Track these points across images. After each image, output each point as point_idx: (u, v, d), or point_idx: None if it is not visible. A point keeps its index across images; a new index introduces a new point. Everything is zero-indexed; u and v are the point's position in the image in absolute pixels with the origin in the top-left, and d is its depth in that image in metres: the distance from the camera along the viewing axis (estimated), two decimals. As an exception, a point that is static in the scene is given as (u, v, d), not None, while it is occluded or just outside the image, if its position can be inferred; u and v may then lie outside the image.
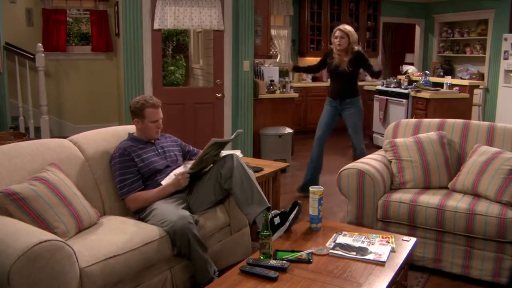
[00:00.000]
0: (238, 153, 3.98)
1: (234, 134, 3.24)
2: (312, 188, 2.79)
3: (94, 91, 6.92)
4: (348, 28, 4.67)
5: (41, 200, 2.45)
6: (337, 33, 4.64)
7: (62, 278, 2.10)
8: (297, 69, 5.34)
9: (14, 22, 6.33)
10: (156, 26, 5.27)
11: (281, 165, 4.10)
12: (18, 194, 2.39)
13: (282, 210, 2.80)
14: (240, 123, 5.73)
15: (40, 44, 5.43)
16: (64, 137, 3.18)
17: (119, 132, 3.30)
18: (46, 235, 2.12)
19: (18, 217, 2.38)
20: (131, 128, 3.30)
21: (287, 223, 2.71)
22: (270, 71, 6.19)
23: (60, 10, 6.57)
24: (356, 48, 4.68)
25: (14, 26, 6.30)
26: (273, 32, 8.41)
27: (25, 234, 2.12)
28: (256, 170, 3.73)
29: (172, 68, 9.52)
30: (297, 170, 5.97)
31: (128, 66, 5.34)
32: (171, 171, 3.12)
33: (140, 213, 2.94)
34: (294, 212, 2.73)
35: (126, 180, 2.96)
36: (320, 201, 2.77)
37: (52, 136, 5.54)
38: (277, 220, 2.73)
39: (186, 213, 2.73)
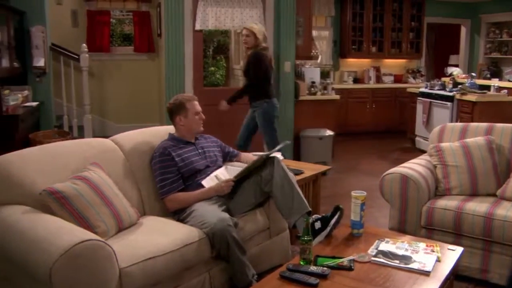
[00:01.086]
0: (278, 155, 3.94)
1: (281, 145, 3.21)
2: (354, 193, 2.71)
3: (136, 91, 7.02)
4: (255, 26, 4.53)
5: (83, 199, 2.47)
6: (243, 31, 4.57)
7: (101, 277, 2.11)
8: (233, 99, 4.91)
9: (60, 23, 6.50)
10: (197, 27, 5.30)
11: (322, 168, 4.03)
12: (61, 192, 2.42)
13: (323, 214, 2.74)
14: (280, 125, 5.68)
15: (84, 44, 5.55)
16: (107, 137, 3.21)
17: (160, 132, 3.31)
18: (87, 235, 2.13)
19: (61, 215, 2.40)
20: (172, 129, 3.30)
21: (328, 228, 2.65)
22: (311, 72, 6.12)
23: (104, 11, 6.70)
24: (262, 46, 4.52)
25: (60, 27, 6.47)
26: (314, 33, 8.32)
27: (67, 232, 2.14)
28: (297, 173, 3.68)
29: (213, 68, 9.58)
30: (338, 173, 5.89)
31: (169, 67, 5.40)
32: (211, 172, 3.11)
33: (179, 214, 2.94)
34: (336, 217, 2.67)
35: (166, 179, 2.96)
36: (363, 206, 2.70)
37: (95, 135, 5.65)
38: (318, 224, 2.68)
39: (226, 215, 2.71)
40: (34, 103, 5.12)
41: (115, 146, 3.09)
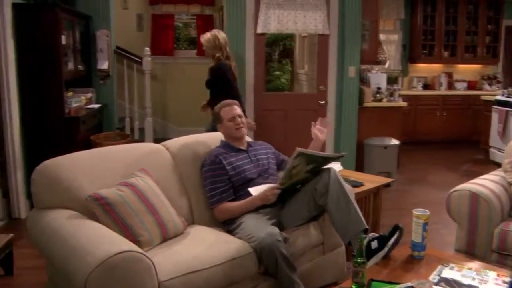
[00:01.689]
0: (338, 165, 3.72)
1: (335, 154, 3.00)
2: (416, 212, 2.46)
3: (198, 95, 6.97)
4: (205, 36, 4.38)
5: (127, 206, 2.40)
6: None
7: (139, 291, 2.02)
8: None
9: (125, 27, 6.63)
10: (259, 30, 5.19)
11: (384, 180, 3.77)
12: (105, 199, 2.37)
13: (381, 233, 2.51)
14: (343, 132, 5.45)
15: (147, 48, 5.59)
16: (167, 139, 3.20)
17: (212, 138, 3.22)
18: (126, 245, 2.05)
19: (105, 222, 2.35)
20: (220, 135, 3.20)
21: (386, 249, 2.42)
22: (377, 77, 5.83)
23: (168, 15, 6.77)
24: (216, 55, 4.35)
25: (126, 31, 6.59)
26: (382, 36, 7.98)
27: (107, 242, 2.07)
28: (356, 185, 3.46)
29: (278, 73, 9.45)
30: (403, 184, 5.56)
31: (229, 71, 5.31)
32: (263, 180, 2.96)
33: (229, 225, 2.81)
34: (394, 237, 2.43)
35: (216, 189, 2.85)
36: (425, 226, 2.44)
37: (156, 138, 5.69)
38: (374, 244, 2.45)
39: (275, 230, 2.53)
40: (97, 105, 5.22)
41: (165, 152, 3.02)
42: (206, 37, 4.32)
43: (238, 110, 3.07)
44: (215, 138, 3.22)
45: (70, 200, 2.46)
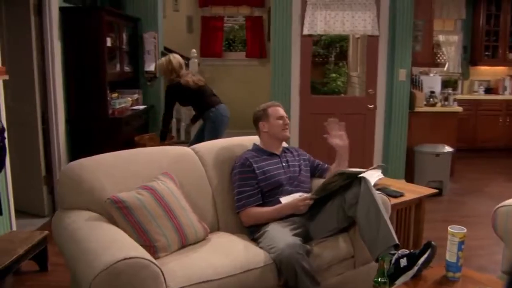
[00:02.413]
0: (378, 173, 3.53)
1: (373, 168, 2.85)
2: (451, 229, 2.25)
3: (246, 97, 6.97)
4: (160, 61, 4.71)
5: (145, 210, 2.36)
6: None
7: (146, 298, 1.95)
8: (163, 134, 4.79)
9: (176, 29, 6.70)
10: (305, 32, 5.05)
11: (427, 190, 3.52)
12: (123, 202, 2.33)
13: (412, 250, 2.31)
14: (392, 138, 5.20)
15: (194, 50, 5.61)
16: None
17: (243, 143, 3.12)
18: (134, 251, 1.99)
19: (122, 226, 2.32)
20: (257, 139, 3.10)
21: (415, 268, 2.22)
22: (431, 81, 5.51)
23: (218, 17, 6.77)
24: (171, 78, 4.60)
25: (176, 33, 6.66)
26: (441, 37, 7.59)
27: (116, 247, 2.03)
28: (394, 195, 3.25)
29: (334, 75, 9.25)
30: (456, 194, 5.22)
31: (275, 73, 5.24)
32: (292, 188, 2.83)
33: (254, 233, 2.70)
34: (425, 255, 2.23)
35: (243, 192, 2.76)
36: (461, 245, 2.22)
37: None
38: (403, 262, 2.27)
39: (296, 241, 2.40)
40: (142, 107, 5.28)
41: (194, 156, 2.96)
42: (160, 62, 4.64)
43: (283, 111, 3.03)
44: (247, 142, 3.13)
45: (92, 202, 2.44)
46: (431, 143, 5.21)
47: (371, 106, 5.20)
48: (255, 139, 3.15)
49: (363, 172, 2.69)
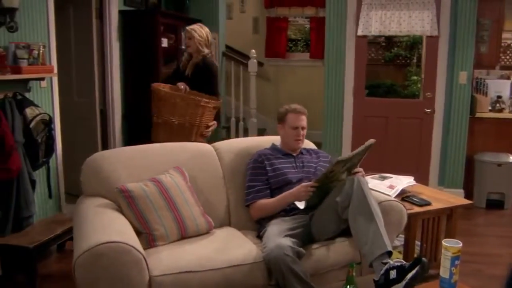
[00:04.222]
0: (409, 180, 3.41)
1: (364, 146, 2.64)
2: (446, 242, 2.14)
3: (309, 98, 6.90)
4: (196, 28, 3.79)
5: (147, 200, 2.52)
6: (186, 34, 3.88)
7: (126, 281, 2.09)
8: None
9: (242, 30, 6.86)
10: (359, 33, 4.96)
11: (461, 201, 3.32)
12: (129, 192, 2.51)
13: (403, 263, 2.23)
14: (450, 144, 4.94)
15: (253, 50, 5.70)
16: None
17: (263, 142, 3.19)
18: (119, 237, 2.14)
19: (126, 214, 2.50)
20: (277, 139, 3.14)
21: (403, 282, 2.14)
22: (499, 85, 5.14)
23: (282, 18, 6.82)
24: (206, 52, 3.82)
25: (242, 34, 6.83)
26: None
27: (104, 232, 2.19)
28: (420, 204, 3.11)
29: (416, 77, 8.91)
30: (520, 209, 4.84)
31: (329, 74, 5.21)
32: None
33: (260, 230, 2.76)
34: (414, 271, 2.13)
35: (253, 187, 2.84)
36: (454, 261, 2.10)
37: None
38: (393, 274, 2.18)
39: (286, 242, 2.38)
40: (199, 105, 5.48)
41: (213, 153, 3.08)
42: (199, 33, 3.81)
43: (304, 121, 2.99)
44: (267, 141, 3.19)
45: (107, 191, 2.64)
46: (494, 152, 4.87)
47: (428, 110, 4.98)
48: (274, 139, 3.20)
49: (356, 152, 2.61)
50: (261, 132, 6.23)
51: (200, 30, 3.81)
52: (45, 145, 3.41)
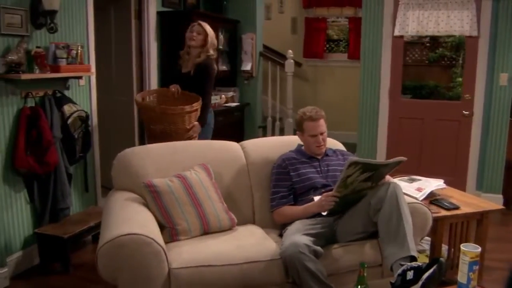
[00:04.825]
0: (439, 182, 3.35)
1: (391, 161, 2.61)
2: (464, 247, 2.10)
3: (346, 99, 6.92)
4: (208, 27, 3.73)
5: (172, 196, 2.60)
6: (195, 28, 3.74)
7: (146, 272, 2.19)
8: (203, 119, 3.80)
9: (280, 30, 6.90)
10: (396, 33, 4.89)
11: (492, 206, 3.23)
12: (155, 187, 2.60)
13: (420, 264, 2.21)
14: (489, 148, 4.79)
15: (290, 51, 5.75)
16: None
17: (289, 142, 3.21)
18: (140, 229, 2.23)
19: (151, 208, 2.60)
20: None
21: (420, 283, 2.12)
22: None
23: (321, 19, 6.81)
24: (211, 54, 3.82)
25: (281, 34, 6.87)
26: None
27: (128, 224, 2.29)
28: (447, 207, 3.05)
29: (461, 79, 8.68)
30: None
31: (364, 74, 5.17)
32: (327, 191, 2.83)
33: (282, 229, 2.79)
34: (431, 270, 2.12)
35: (277, 193, 2.86)
36: (472, 266, 2.06)
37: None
38: (410, 274, 2.17)
39: (302, 240, 2.40)
40: (234, 104, 5.57)
41: (239, 151, 3.13)
42: (211, 32, 3.82)
43: (323, 126, 2.92)
44: (293, 141, 3.21)
45: (136, 185, 2.74)
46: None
47: (466, 113, 4.85)
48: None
49: (378, 163, 2.59)
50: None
51: (211, 31, 3.83)
52: (81, 141, 3.57)
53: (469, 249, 2.09)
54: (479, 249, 2.10)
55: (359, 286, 1.92)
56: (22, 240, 3.30)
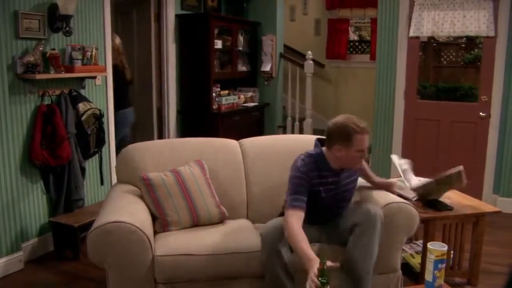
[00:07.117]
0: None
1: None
2: (431, 245, 2.15)
3: (368, 100, 6.89)
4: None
5: (165, 189, 2.77)
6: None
7: (131, 257, 2.37)
8: None
9: (304, 32, 6.97)
10: (411, 33, 4.89)
11: (488, 208, 3.21)
12: (150, 180, 2.78)
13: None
14: (506, 150, 4.70)
15: (309, 52, 5.83)
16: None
17: (291, 141, 3.33)
18: (127, 218, 2.40)
19: (146, 200, 2.77)
20: (301, 138, 3.24)
21: None
22: None
23: (343, 19, 6.83)
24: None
25: (304, 35, 6.95)
26: None
27: (117, 213, 2.47)
28: (439, 208, 3.07)
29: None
30: None
31: (380, 75, 5.18)
32: (334, 206, 2.71)
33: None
34: None
35: (297, 193, 2.50)
36: (438, 264, 2.11)
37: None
38: None
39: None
40: (252, 104, 5.71)
41: (237, 149, 3.25)
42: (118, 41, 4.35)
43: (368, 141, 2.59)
44: (292, 140, 3.31)
45: (136, 179, 2.91)
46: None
47: (483, 115, 4.79)
48: (299, 139, 3.29)
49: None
50: (319, 133, 6.29)
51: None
52: (95, 137, 3.80)
53: (435, 248, 2.13)
54: (445, 248, 2.14)
55: (320, 279, 1.98)
56: (38, 228, 3.56)
